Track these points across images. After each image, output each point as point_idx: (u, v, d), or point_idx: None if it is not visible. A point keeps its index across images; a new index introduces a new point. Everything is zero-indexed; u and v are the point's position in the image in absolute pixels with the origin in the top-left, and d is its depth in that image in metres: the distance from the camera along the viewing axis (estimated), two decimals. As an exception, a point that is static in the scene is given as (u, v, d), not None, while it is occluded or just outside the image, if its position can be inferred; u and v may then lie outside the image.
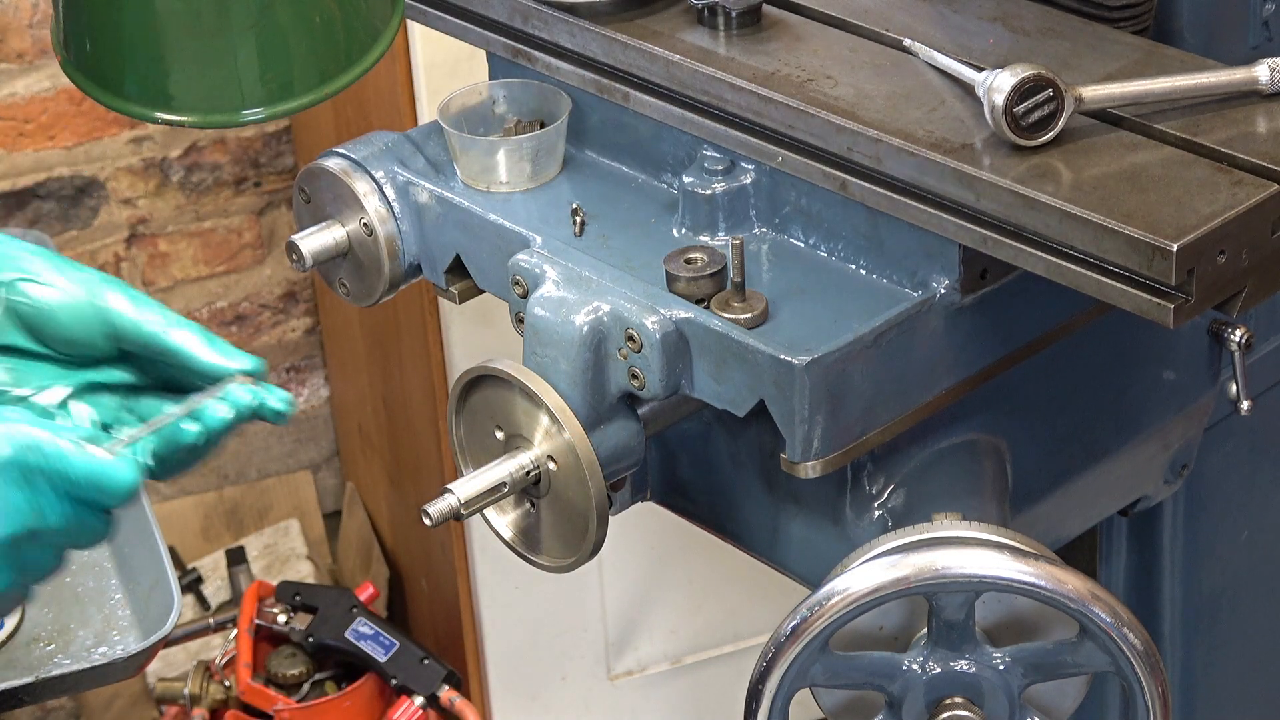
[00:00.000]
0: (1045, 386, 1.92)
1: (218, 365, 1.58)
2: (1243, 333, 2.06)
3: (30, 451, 1.43)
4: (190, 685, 3.36)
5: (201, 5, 1.60)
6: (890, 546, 1.69)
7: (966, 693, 1.70)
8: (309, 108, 1.68)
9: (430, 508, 1.71)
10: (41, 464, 1.43)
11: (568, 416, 1.72)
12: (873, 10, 1.88)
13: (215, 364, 1.58)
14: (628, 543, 3.43)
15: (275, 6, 1.62)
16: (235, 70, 1.63)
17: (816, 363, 1.67)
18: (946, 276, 1.74)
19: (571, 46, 1.91)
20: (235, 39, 1.62)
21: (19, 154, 3.55)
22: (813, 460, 1.71)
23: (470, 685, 3.50)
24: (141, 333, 1.58)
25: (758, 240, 1.83)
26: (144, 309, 1.58)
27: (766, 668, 1.67)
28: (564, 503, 1.75)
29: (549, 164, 1.92)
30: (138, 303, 1.58)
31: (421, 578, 3.64)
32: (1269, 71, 1.69)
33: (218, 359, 1.58)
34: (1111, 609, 1.63)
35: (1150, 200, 1.60)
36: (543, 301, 1.77)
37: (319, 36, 1.66)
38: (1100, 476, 2.03)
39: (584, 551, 1.76)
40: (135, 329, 1.58)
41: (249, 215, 3.76)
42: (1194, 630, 2.27)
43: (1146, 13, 1.84)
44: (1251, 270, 1.61)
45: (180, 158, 3.67)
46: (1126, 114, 1.70)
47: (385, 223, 1.93)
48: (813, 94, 1.76)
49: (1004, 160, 1.65)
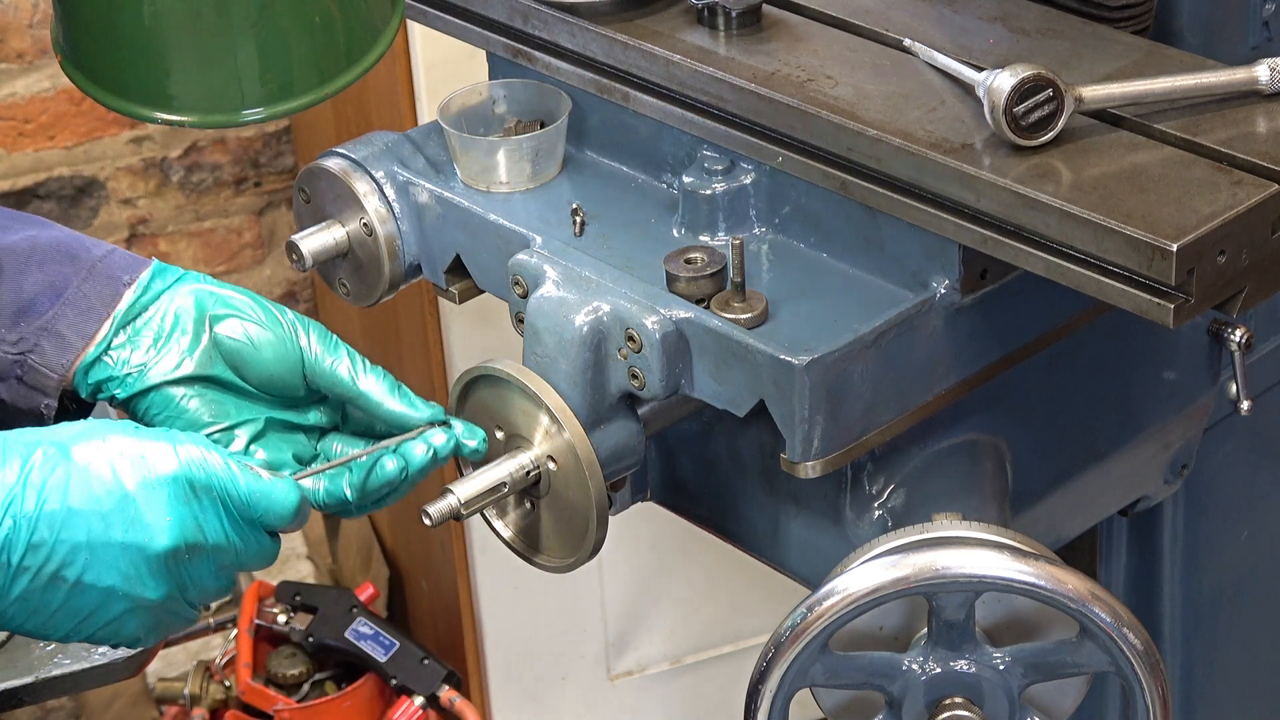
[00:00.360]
0: (1045, 386, 1.92)
1: (401, 413, 1.69)
2: (1243, 333, 2.06)
3: (197, 468, 1.52)
4: (190, 685, 3.36)
5: (201, 5, 1.60)
6: (890, 546, 1.69)
7: (966, 693, 1.69)
8: (309, 108, 1.68)
9: (430, 508, 1.71)
10: (207, 481, 1.52)
11: (568, 416, 1.72)
12: (873, 10, 1.88)
13: (399, 412, 1.70)
14: (628, 543, 3.43)
15: (275, 6, 1.62)
16: (235, 70, 1.64)
17: (816, 363, 1.67)
18: (946, 276, 1.74)
19: (571, 46, 1.91)
20: (235, 39, 1.62)
21: (19, 154, 3.55)
22: (813, 460, 1.71)
23: (470, 685, 3.50)
24: (332, 376, 1.69)
25: (758, 240, 1.83)
26: (337, 353, 1.69)
27: (766, 668, 1.67)
28: (564, 503, 1.75)
29: (549, 164, 1.92)
30: (331, 347, 1.69)
31: (421, 578, 3.64)
32: (1269, 71, 1.69)
33: (401, 408, 1.69)
34: (1111, 609, 1.63)
35: (1150, 200, 1.60)
36: (543, 301, 1.77)
37: (319, 36, 1.66)
38: (1100, 476, 2.03)
39: (584, 552, 1.76)
40: (328, 372, 1.69)
41: (249, 215, 3.76)
42: (1194, 630, 2.27)
43: (1146, 13, 1.84)
44: (1251, 270, 1.61)
45: (180, 158, 3.67)
46: (1126, 114, 1.70)
47: (385, 223, 1.93)
48: (813, 94, 1.76)
49: (1004, 160, 1.65)
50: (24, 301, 1.68)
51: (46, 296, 1.68)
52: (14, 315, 1.67)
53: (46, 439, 1.52)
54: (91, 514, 1.50)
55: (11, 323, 1.67)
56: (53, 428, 1.55)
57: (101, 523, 1.50)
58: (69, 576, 1.50)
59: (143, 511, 1.51)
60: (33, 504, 1.49)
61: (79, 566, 1.50)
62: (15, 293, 1.67)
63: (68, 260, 1.69)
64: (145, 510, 1.51)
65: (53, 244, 1.70)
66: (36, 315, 1.67)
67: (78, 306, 1.68)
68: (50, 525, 1.49)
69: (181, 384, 1.68)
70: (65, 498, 1.50)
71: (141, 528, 1.51)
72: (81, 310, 1.68)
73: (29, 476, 1.49)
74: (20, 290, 1.68)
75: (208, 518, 1.54)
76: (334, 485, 1.69)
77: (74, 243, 1.72)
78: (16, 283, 1.68)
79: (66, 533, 1.49)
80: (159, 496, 1.51)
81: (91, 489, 1.50)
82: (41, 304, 1.68)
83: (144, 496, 1.51)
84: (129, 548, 1.51)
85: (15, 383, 1.68)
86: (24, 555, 1.49)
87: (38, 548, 1.49)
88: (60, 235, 1.72)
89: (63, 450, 1.51)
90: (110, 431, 1.54)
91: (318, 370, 1.70)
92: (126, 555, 1.51)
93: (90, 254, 1.71)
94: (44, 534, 1.49)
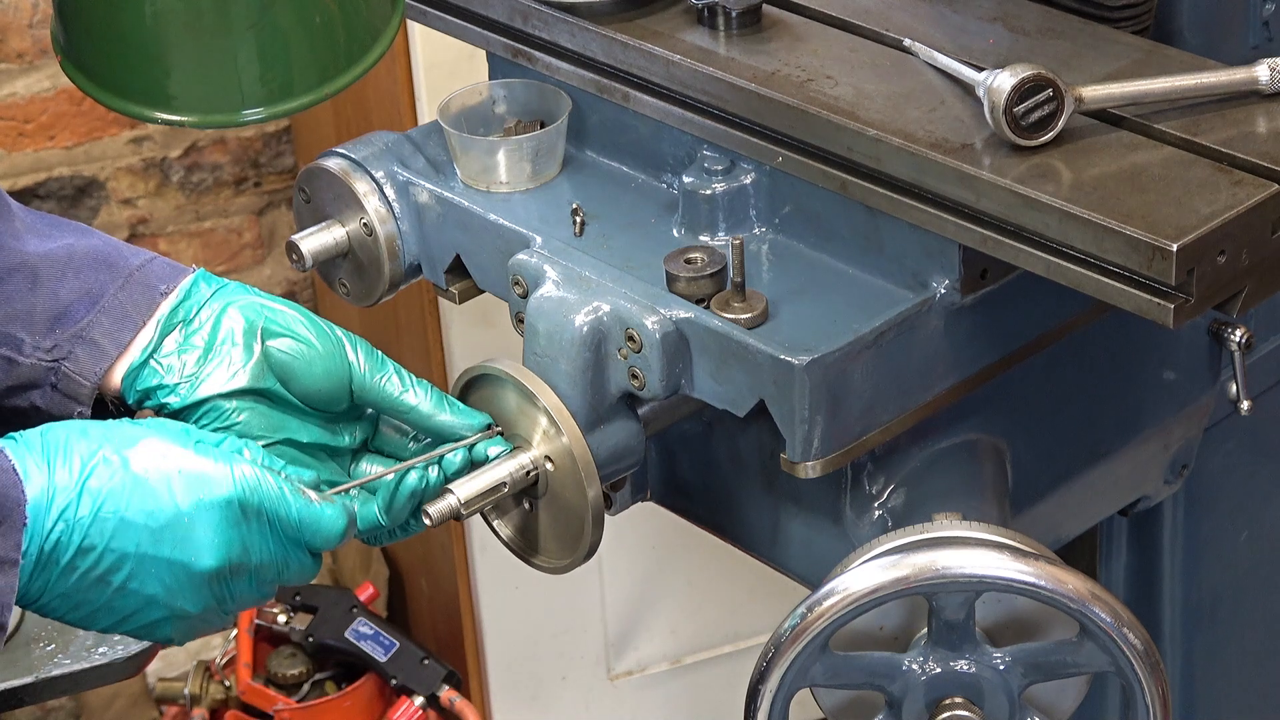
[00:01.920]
0: (1045, 386, 1.92)
1: (450, 424, 1.72)
2: (1243, 333, 2.06)
3: (251, 492, 1.55)
4: (190, 685, 3.36)
5: (202, 5, 1.60)
6: (890, 546, 1.69)
7: (966, 693, 1.69)
8: (309, 108, 1.68)
9: (430, 508, 1.71)
10: (259, 505, 1.56)
11: (565, 418, 1.72)
12: (873, 10, 1.88)
13: (448, 423, 1.72)
14: (628, 543, 3.43)
15: (275, 6, 1.62)
16: (235, 70, 1.64)
17: (816, 363, 1.67)
18: (946, 276, 1.74)
19: (571, 46, 1.91)
20: (235, 39, 1.62)
21: (19, 154, 3.55)
22: (813, 460, 1.71)
23: (470, 685, 3.50)
24: (380, 391, 1.70)
25: (758, 240, 1.83)
26: (384, 369, 1.71)
27: (766, 668, 1.67)
28: (561, 504, 1.75)
29: (549, 164, 1.92)
30: (378, 364, 1.71)
31: (421, 578, 3.64)
32: (1269, 71, 1.69)
33: (450, 418, 1.72)
34: (1111, 609, 1.63)
35: (1150, 200, 1.60)
36: (543, 301, 1.77)
37: (319, 36, 1.66)
38: (1100, 476, 2.03)
39: (580, 553, 1.76)
40: (376, 388, 1.70)
41: (249, 215, 3.76)
42: (1194, 630, 2.27)
43: (1146, 13, 1.84)
44: (1251, 270, 1.61)
45: (180, 158, 3.67)
46: (1126, 114, 1.70)
47: (385, 223, 1.93)
48: (813, 94, 1.76)
49: (1004, 160, 1.65)
50: (60, 309, 1.69)
51: (82, 304, 1.69)
52: (49, 322, 1.69)
53: (108, 444, 1.54)
54: (143, 527, 1.53)
55: (47, 330, 1.69)
56: (116, 426, 1.57)
57: (151, 537, 1.54)
58: (114, 581, 1.54)
59: (192, 531, 1.55)
60: (88, 510, 1.52)
61: (125, 573, 1.54)
62: (51, 300, 1.69)
63: (105, 268, 1.71)
64: (195, 530, 1.55)
65: (90, 252, 1.71)
66: (72, 323, 1.69)
67: (113, 314, 1.69)
68: (102, 532, 1.52)
69: (234, 397, 1.69)
70: (119, 507, 1.53)
71: (189, 547, 1.55)
72: (117, 318, 1.69)
73: (87, 481, 1.52)
74: (56, 298, 1.69)
75: (254, 539, 1.57)
76: (367, 507, 1.72)
77: (112, 251, 1.73)
78: (53, 290, 1.69)
79: (117, 541, 1.53)
80: (210, 518, 1.55)
81: (146, 503, 1.53)
82: (77, 312, 1.69)
83: (196, 516, 1.55)
84: (175, 564, 1.55)
85: (50, 390, 1.69)
86: (74, 557, 1.52)
87: (87, 551, 1.52)
88: (98, 243, 1.73)
89: (124, 461, 1.54)
90: (172, 442, 1.56)
91: (366, 385, 1.71)
92: (171, 570, 1.55)
93: (128, 262, 1.72)
94: (95, 539, 1.52)
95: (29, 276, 1.69)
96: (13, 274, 1.69)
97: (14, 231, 1.71)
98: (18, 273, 1.69)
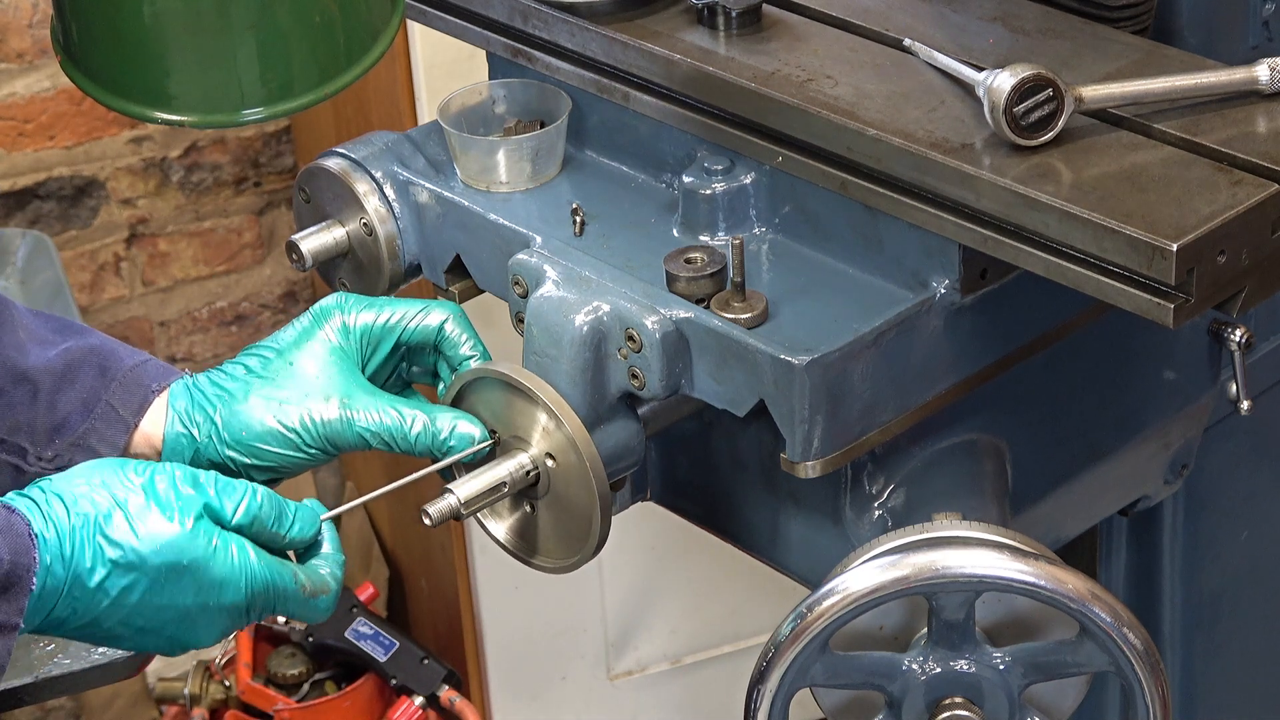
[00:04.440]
0: (1045, 386, 1.92)
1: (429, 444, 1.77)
2: (1243, 333, 2.05)
3: (259, 598, 1.64)
4: (190, 685, 3.37)
5: (202, 5, 1.60)
6: (890, 546, 1.69)
7: (966, 693, 1.69)
8: (309, 108, 1.68)
9: (430, 508, 1.71)
10: (264, 605, 1.66)
11: (565, 411, 1.71)
12: (873, 10, 1.88)
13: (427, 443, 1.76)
14: (628, 543, 3.43)
15: (275, 6, 1.62)
16: (235, 70, 1.64)
17: (816, 363, 1.67)
18: (946, 276, 1.74)
19: (571, 46, 1.91)
20: (235, 39, 1.62)
21: (19, 154, 3.55)
22: (813, 460, 1.71)
23: (470, 685, 3.50)
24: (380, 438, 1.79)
25: (758, 240, 1.83)
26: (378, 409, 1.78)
27: (766, 668, 1.67)
28: (565, 501, 1.75)
29: (549, 164, 1.92)
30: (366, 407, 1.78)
31: (421, 578, 3.64)
32: (1269, 71, 1.69)
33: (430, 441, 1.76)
34: (1111, 609, 1.63)
35: (1150, 200, 1.60)
36: (543, 301, 1.77)
37: (319, 36, 1.66)
38: (1100, 476, 2.03)
39: (588, 549, 1.75)
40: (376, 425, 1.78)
41: (249, 215, 3.76)
42: (1194, 630, 2.27)
43: (1146, 13, 1.84)
44: (1251, 270, 1.61)
45: (180, 158, 3.67)
46: (1126, 114, 1.70)
47: (385, 222, 1.93)
48: (813, 94, 1.76)
49: (1004, 160, 1.65)
50: (59, 420, 1.77)
51: (78, 414, 1.77)
52: (49, 433, 1.77)
53: (131, 536, 1.60)
54: (151, 616, 1.62)
55: (47, 440, 1.77)
56: (141, 506, 1.62)
57: (156, 623, 1.63)
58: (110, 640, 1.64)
59: (196, 625, 1.64)
60: (102, 601, 1.60)
61: (126, 642, 1.64)
62: (50, 412, 1.77)
63: (99, 374, 1.78)
64: (199, 624, 1.64)
65: (86, 356, 1.79)
66: (69, 432, 1.77)
67: (106, 419, 1.77)
68: (110, 618, 1.61)
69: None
70: (131, 601, 1.61)
71: (191, 634, 1.65)
72: (110, 422, 1.77)
73: (105, 583, 1.59)
74: (54, 409, 1.77)
75: (256, 617, 1.67)
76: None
77: (107, 353, 1.80)
78: (51, 402, 1.77)
79: (121, 625, 1.62)
80: (217, 617, 1.64)
81: (158, 599, 1.61)
82: (74, 421, 1.77)
83: (202, 616, 1.64)
84: (175, 641, 1.65)
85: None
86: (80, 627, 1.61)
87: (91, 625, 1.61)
88: (95, 343, 1.81)
89: (141, 562, 1.60)
90: (189, 538, 1.62)
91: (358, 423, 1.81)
92: (170, 644, 1.65)
93: (121, 365, 1.79)
94: (103, 622, 1.61)
95: (30, 389, 1.77)
96: (17, 386, 1.77)
97: (17, 343, 1.78)
98: (21, 385, 1.77)
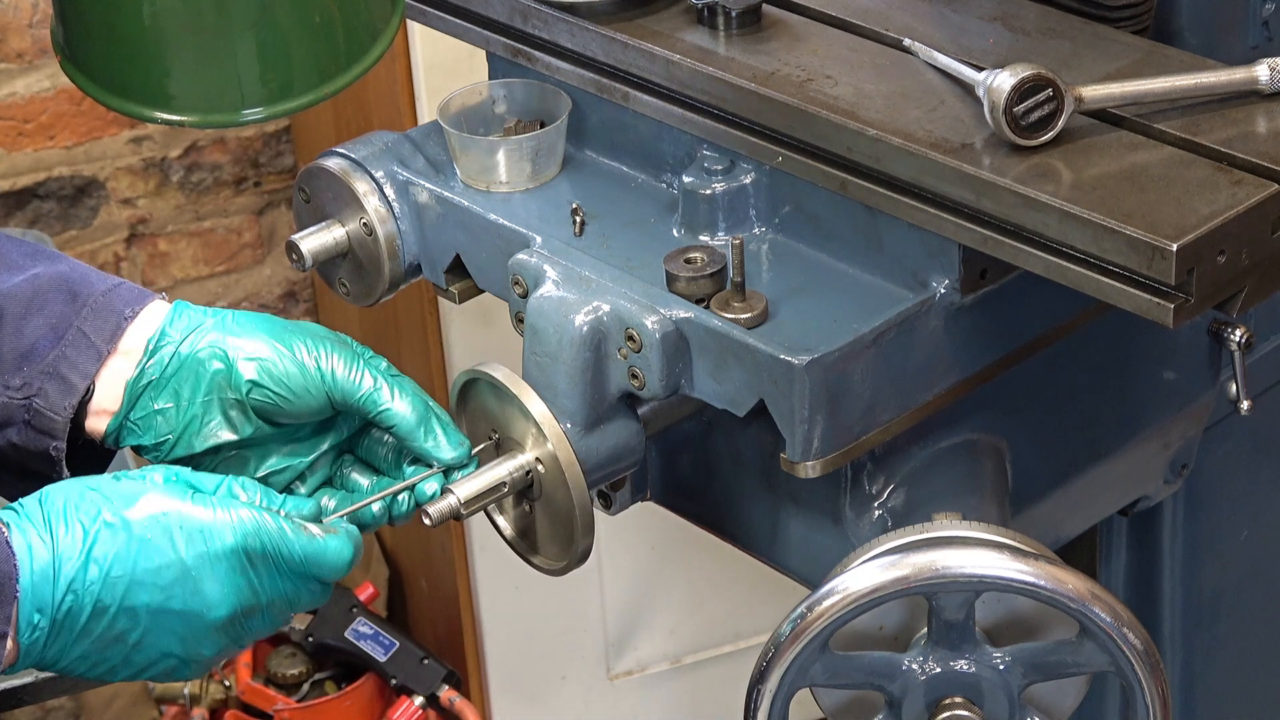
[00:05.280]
0: (1045, 386, 1.92)
1: (420, 450, 1.71)
2: (1243, 333, 2.05)
3: (252, 538, 1.57)
4: (190, 685, 3.36)
5: (202, 5, 1.60)
6: (890, 546, 1.69)
7: (966, 693, 1.69)
8: (309, 108, 1.68)
9: (430, 508, 1.71)
10: (263, 549, 1.57)
11: (550, 424, 1.71)
12: (873, 10, 1.88)
13: (419, 448, 1.71)
14: (628, 543, 3.43)
15: (275, 6, 1.62)
16: (235, 70, 1.64)
17: (816, 363, 1.67)
18: (946, 276, 1.74)
19: (571, 46, 1.91)
20: (235, 39, 1.62)
21: (19, 154, 3.55)
22: (813, 460, 1.71)
23: (470, 685, 3.50)
24: (361, 405, 1.70)
25: (758, 240, 1.83)
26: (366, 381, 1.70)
27: (766, 667, 1.67)
28: (554, 507, 1.75)
29: (549, 164, 1.92)
30: (358, 377, 1.70)
31: (421, 578, 3.64)
32: (1269, 71, 1.69)
33: (421, 445, 1.71)
34: (1111, 609, 1.63)
35: (1150, 200, 1.60)
36: (543, 301, 1.77)
37: (319, 36, 1.66)
38: (1100, 476, 2.03)
39: (573, 557, 1.76)
40: (356, 402, 1.70)
41: (249, 215, 3.76)
42: (1194, 630, 2.27)
43: (1146, 13, 1.84)
44: (1251, 270, 1.61)
45: (180, 158, 3.67)
46: (1126, 114, 1.70)
47: (385, 223, 1.93)
48: (813, 94, 1.76)
49: (1004, 160, 1.65)
50: (26, 346, 1.70)
51: (47, 340, 1.70)
52: (17, 360, 1.70)
53: (108, 506, 1.56)
54: (152, 585, 1.55)
55: (15, 368, 1.70)
56: (113, 484, 1.57)
57: (161, 594, 1.56)
58: (130, 639, 1.57)
59: (201, 584, 1.56)
60: (96, 576, 1.54)
61: (139, 631, 1.56)
62: (16, 338, 1.70)
63: (69, 299, 1.71)
64: (203, 583, 1.57)
65: (55, 282, 1.72)
66: (38, 359, 1.70)
67: (77, 346, 1.70)
68: (113, 596, 1.54)
69: (220, 449, 1.72)
70: (126, 570, 1.55)
71: (199, 599, 1.57)
72: (81, 349, 1.70)
73: (92, 550, 1.54)
74: (21, 335, 1.70)
75: (263, 581, 1.59)
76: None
77: (78, 279, 1.73)
78: (18, 328, 1.70)
79: (128, 602, 1.55)
80: (216, 570, 1.57)
81: (151, 562, 1.55)
82: (42, 347, 1.70)
83: (202, 569, 1.56)
84: (188, 615, 1.57)
85: (24, 426, 1.70)
86: (87, 622, 1.54)
87: (100, 615, 1.55)
88: (65, 270, 1.73)
89: (125, 523, 1.55)
90: (169, 495, 1.57)
91: (347, 399, 1.71)
92: (185, 622, 1.57)
93: (93, 289, 1.72)
94: (106, 603, 1.55)
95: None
96: None
97: None
98: None
